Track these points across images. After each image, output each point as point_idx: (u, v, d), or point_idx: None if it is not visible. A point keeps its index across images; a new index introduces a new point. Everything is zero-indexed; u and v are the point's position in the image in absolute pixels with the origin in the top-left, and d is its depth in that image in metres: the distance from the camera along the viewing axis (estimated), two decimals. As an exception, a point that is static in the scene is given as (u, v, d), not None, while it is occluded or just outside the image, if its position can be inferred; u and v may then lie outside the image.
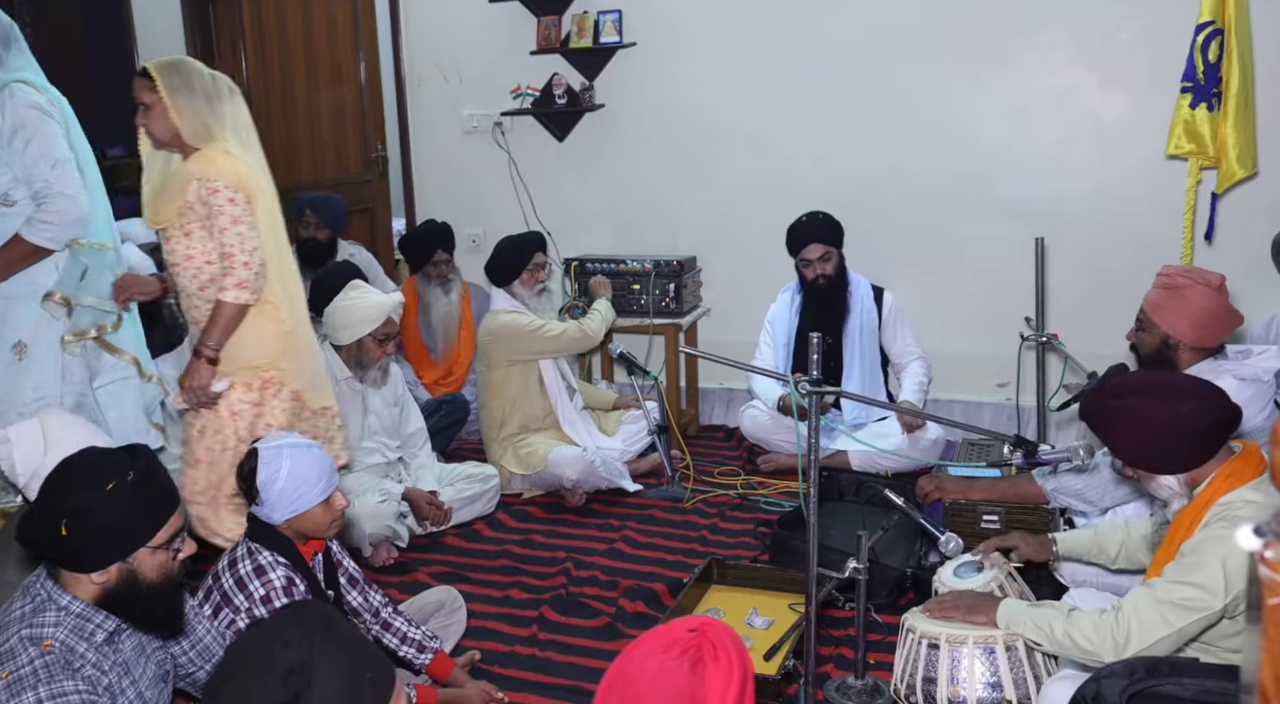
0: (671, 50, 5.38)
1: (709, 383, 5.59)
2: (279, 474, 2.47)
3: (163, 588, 2.04)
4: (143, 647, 2.14)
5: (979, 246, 5.03)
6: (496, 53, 5.68)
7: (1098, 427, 2.45)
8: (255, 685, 1.50)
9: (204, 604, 2.45)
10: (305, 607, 1.68)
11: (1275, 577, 0.77)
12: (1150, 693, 1.94)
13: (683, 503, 4.48)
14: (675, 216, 5.51)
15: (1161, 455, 2.34)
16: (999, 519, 3.54)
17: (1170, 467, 2.35)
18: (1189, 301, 3.05)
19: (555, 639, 3.41)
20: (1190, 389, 2.36)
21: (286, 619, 1.59)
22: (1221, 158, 3.85)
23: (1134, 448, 2.37)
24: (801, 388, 2.68)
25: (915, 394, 4.66)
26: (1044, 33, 4.81)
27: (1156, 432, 2.31)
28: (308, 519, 2.52)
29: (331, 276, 4.24)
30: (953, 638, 2.63)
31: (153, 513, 2.03)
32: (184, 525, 2.09)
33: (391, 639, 2.81)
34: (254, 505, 2.51)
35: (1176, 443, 2.30)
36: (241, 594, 2.44)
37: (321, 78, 5.88)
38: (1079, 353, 3.92)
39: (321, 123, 5.90)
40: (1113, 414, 2.38)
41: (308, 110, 5.82)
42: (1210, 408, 2.30)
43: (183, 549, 2.09)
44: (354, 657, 1.57)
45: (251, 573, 2.46)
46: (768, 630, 3.37)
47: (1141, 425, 2.32)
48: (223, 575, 2.48)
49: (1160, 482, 2.38)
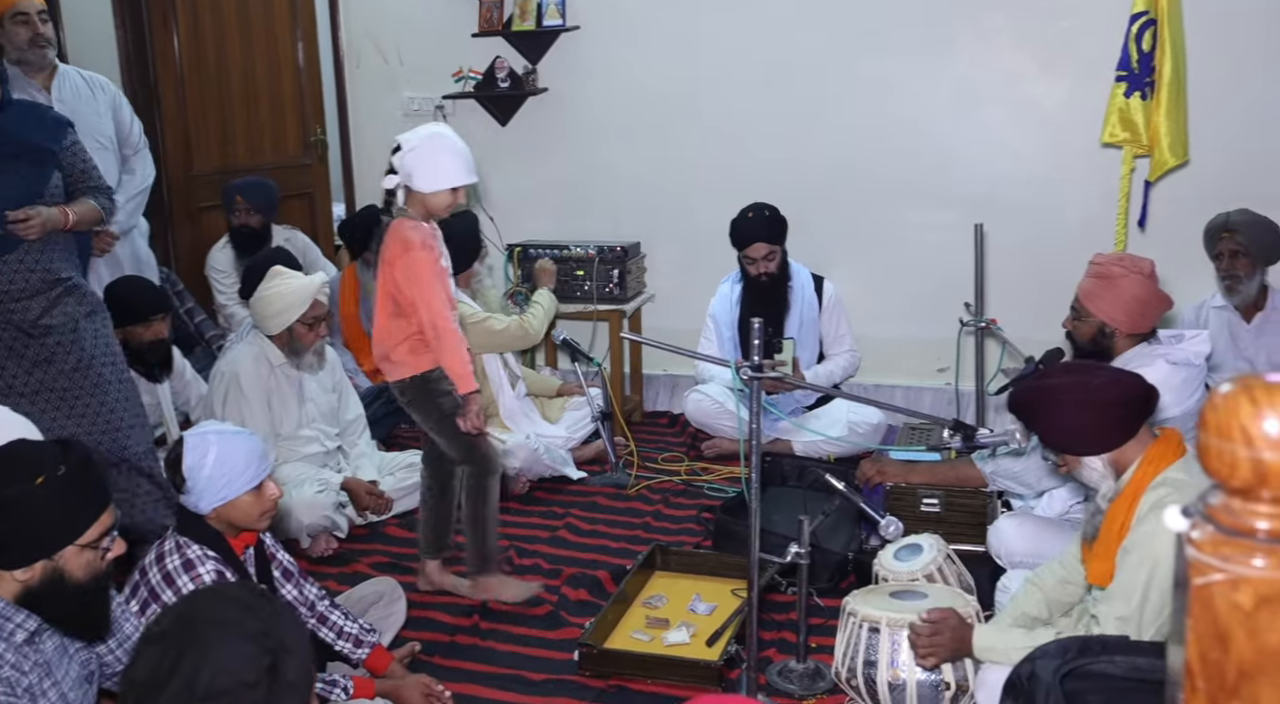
0: (615, 34, 5.35)
1: (653, 369, 5.59)
2: (205, 460, 2.42)
3: (89, 587, 1.97)
4: (65, 647, 2.07)
5: (920, 233, 5.07)
6: (437, 34, 5.61)
7: (1024, 414, 2.50)
8: (229, 653, 1.45)
9: (130, 600, 2.39)
10: (232, 585, 1.65)
11: (1201, 557, 0.77)
12: (1083, 671, 1.97)
13: (626, 490, 4.47)
14: (619, 202, 5.49)
15: (1081, 434, 2.37)
16: (939, 502, 3.58)
17: (1090, 446, 2.38)
18: (1122, 289, 3.09)
19: (497, 628, 3.39)
20: (1105, 367, 2.45)
21: (218, 593, 1.55)
22: (1154, 146, 3.91)
23: (1055, 429, 2.41)
24: (743, 373, 2.69)
25: (817, 377, 4.66)
26: (986, 19, 4.85)
27: (1075, 406, 2.34)
28: (237, 508, 2.47)
29: (259, 263, 4.19)
30: (893, 621, 2.65)
31: (82, 510, 1.96)
32: (115, 523, 2.03)
33: (328, 633, 2.77)
34: (181, 494, 2.45)
35: (1095, 418, 2.34)
36: (170, 590, 2.38)
37: (258, 59, 5.76)
38: (1017, 338, 3.96)
39: (259, 105, 5.78)
40: (1034, 399, 2.44)
41: (244, 92, 5.71)
42: (1121, 381, 2.36)
43: (112, 548, 2.03)
44: (300, 618, 1.56)
45: (180, 568, 2.40)
46: (711, 616, 3.38)
47: (1060, 402, 2.37)
48: (150, 570, 2.43)
49: (1087, 464, 2.41)
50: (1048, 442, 2.46)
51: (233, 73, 5.64)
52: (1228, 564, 0.76)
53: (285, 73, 5.90)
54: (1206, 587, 0.76)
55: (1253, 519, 0.76)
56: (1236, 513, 0.77)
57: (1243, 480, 0.75)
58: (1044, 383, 2.44)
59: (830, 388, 4.68)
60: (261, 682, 1.45)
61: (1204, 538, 0.78)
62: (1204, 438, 0.78)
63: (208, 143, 5.58)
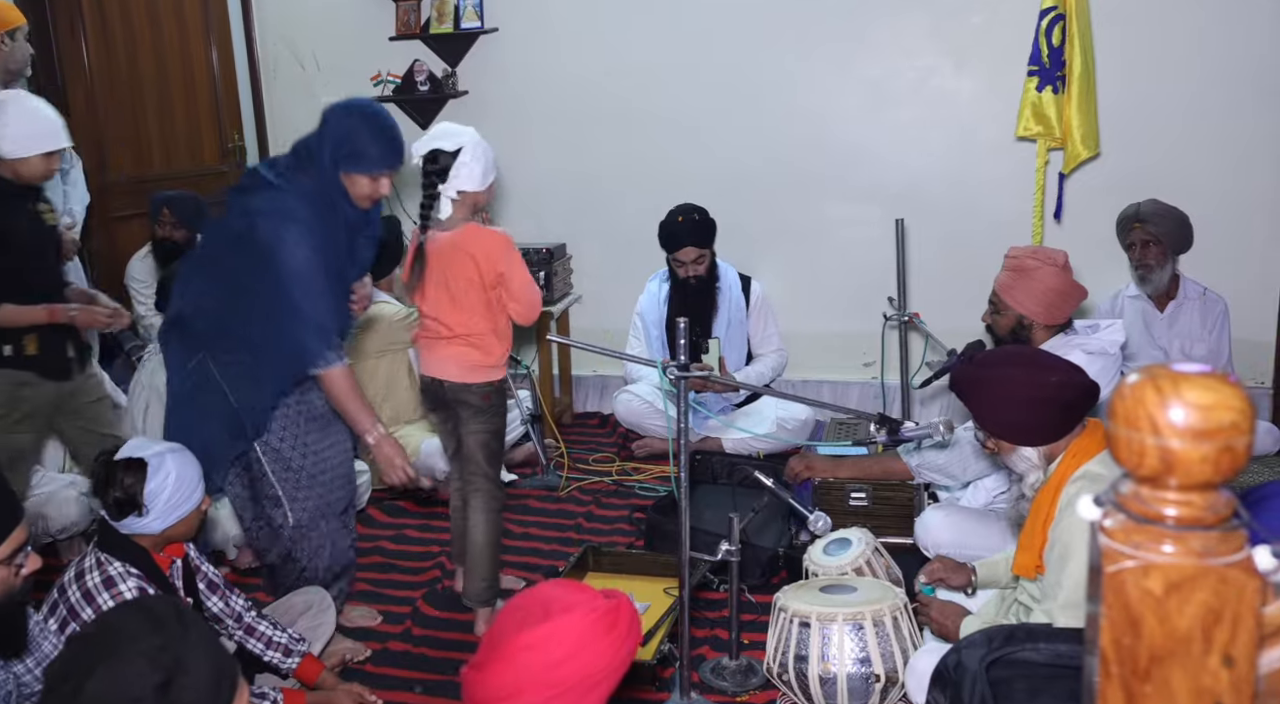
0: (533, 36, 5.33)
1: (582, 370, 5.58)
2: (166, 483, 2.38)
3: (3, 606, 1.92)
4: (-20, 667, 2.02)
5: (842, 228, 5.12)
6: (354, 38, 5.55)
7: (967, 396, 2.48)
8: (121, 666, 1.44)
9: (49, 618, 2.33)
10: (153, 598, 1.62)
11: (1113, 545, 0.79)
12: (1008, 659, 2.00)
13: (558, 491, 4.46)
14: (543, 203, 5.47)
15: (1026, 426, 2.39)
16: (866, 496, 3.62)
17: (1032, 438, 2.40)
18: (1037, 282, 3.14)
19: (430, 634, 3.37)
20: (1058, 364, 2.43)
21: (138, 606, 1.53)
22: (1067, 139, 3.99)
23: (1000, 418, 2.42)
24: (670, 373, 2.69)
25: (748, 378, 4.66)
26: (901, 16, 4.91)
27: (1027, 401, 2.35)
28: (184, 523, 2.44)
29: None
30: (823, 616, 2.68)
31: None
32: (28, 539, 1.97)
33: (256, 644, 2.72)
34: (129, 518, 2.39)
35: (1043, 414, 2.36)
36: (90, 608, 2.32)
37: (171, 66, 5.64)
38: (939, 331, 4.02)
39: (174, 112, 5.67)
40: (985, 384, 2.43)
41: (158, 99, 5.59)
42: (1076, 382, 2.37)
43: (26, 565, 1.97)
44: (212, 640, 1.54)
45: (100, 585, 2.34)
46: (643, 615, 3.38)
47: (1012, 395, 2.37)
48: (69, 588, 2.36)
49: (1021, 453, 2.43)
50: (988, 428, 2.46)
51: (145, 80, 5.53)
52: (1138, 551, 0.77)
53: (200, 79, 5.79)
54: (1118, 574, 0.77)
55: (1161, 506, 0.77)
56: (1146, 500, 0.78)
57: (1151, 469, 0.77)
58: (995, 372, 2.42)
59: (759, 386, 4.72)
60: (146, 698, 1.43)
61: (1115, 526, 0.80)
62: (1113, 427, 0.79)
63: (122, 151, 5.46)
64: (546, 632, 1.69)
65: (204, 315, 2.93)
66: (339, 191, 2.86)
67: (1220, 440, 0.74)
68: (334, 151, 2.80)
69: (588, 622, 1.72)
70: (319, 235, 2.81)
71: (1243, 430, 0.75)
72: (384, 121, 2.87)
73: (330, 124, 2.84)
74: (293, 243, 2.75)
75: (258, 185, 2.87)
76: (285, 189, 2.82)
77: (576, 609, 1.72)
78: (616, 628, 1.79)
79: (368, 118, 2.84)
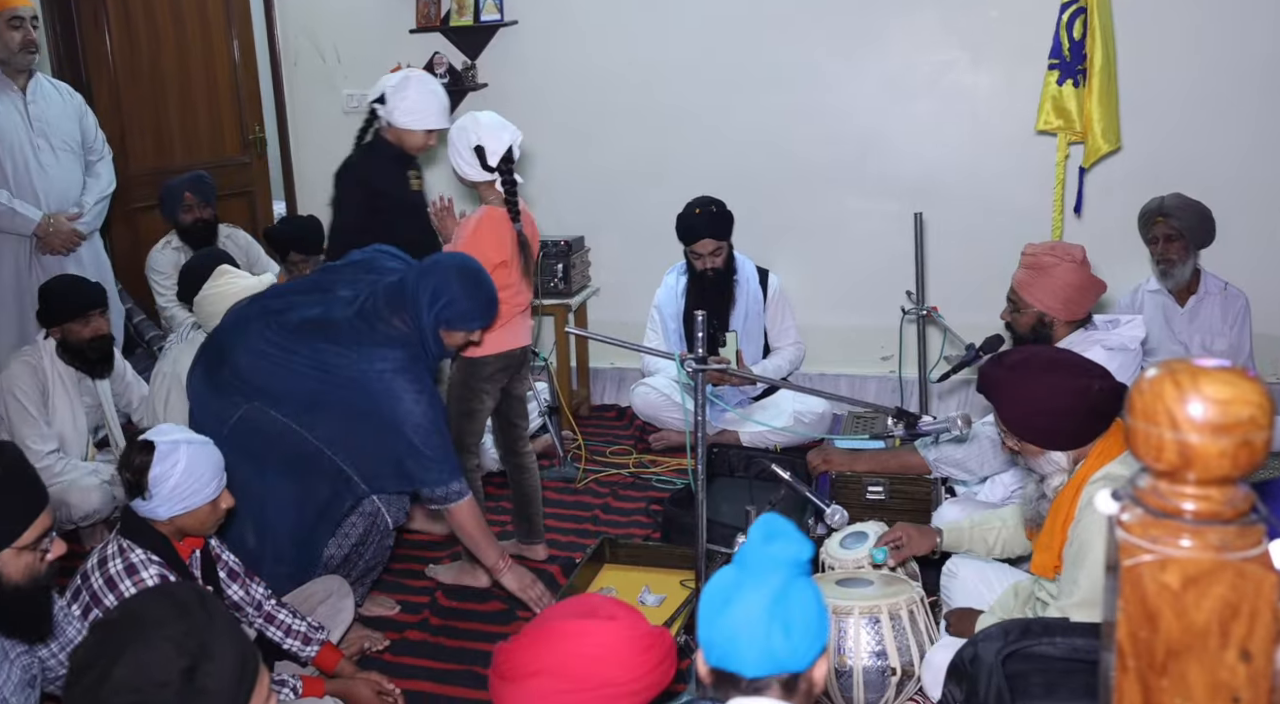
0: (553, 29, 5.33)
1: (600, 363, 5.59)
2: (174, 470, 2.39)
3: (28, 590, 1.94)
4: (6, 651, 2.04)
5: (860, 222, 5.11)
6: (375, 31, 5.56)
7: (998, 399, 2.44)
8: (147, 651, 1.45)
9: (73, 604, 2.35)
10: (176, 584, 1.64)
11: (1131, 539, 0.79)
12: (1024, 653, 2.00)
13: (575, 483, 4.48)
14: (562, 196, 5.47)
15: (1058, 432, 2.36)
16: (883, 490, 3.62)
17: (1064, 444, 2.38)
18: (1056, 278, 3.12)
19: (448, 624, 3.38)
20: (1093, 369, 2.38)
21: (162, 592, 1.55)
22: (1087, 133, 3.96)
23: (1034, 425, 2.38)
24: (687, 366, 2.70)
25: (765, 371, 4.67)
26: (917, 10, 4.89)
27: (1062, 410, 2.32)
28: (192, 517, 2.45)
29: (198, 264, 4.11)
30: (839, 609, 2.68)
31: (18, 511, 1.92)
32: (53, 525, 2.00)
33: (275, 632, 2.74)
34: (137, 500, 2.41)
35: (1077, 422, 2.33)
36: (112, 594, 2.34)
37: (193, 58, 5.67)
38: (958, 325, 4.00)
39: (195, 104, 5.70)
40: (1017, 388, 2.38)
41: (180, 92, 5.62)
42: (1110, 388, 2.33)
43: (51, 550, 2.00)
44: (235, 626, 1.56)
45: (123, 572, 2.37)
46: (660, 607, 3.39)
47: (1048, 402, 2.33)
48: (92, 574, 2.39)
49: (1049, 457, 2.41)
50: (1018, 433, 2.42)
51: (167, 72, 5.56)
52: (1156, 545, 0.77)
53: (221, 71, 5.82)
54: (1136, 567, 0.78)
55: (1179, 501, 0.78)
56: (1164, 495, 0.79)
57: (1169, 463, 0.77)
58: (1029, 377, 2.36)
59: (776, 380, 4.71)
60: (172, 683, 1.44)
61: (1133, 520, 0.80)
62: (1131, 422, 0.80)
63: (144, 143, 5.49)
64: (587, 627, 1.73)
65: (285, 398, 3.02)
66: (435, 340, 3.03)
67: (1238, 435, 0.74)
68: (437, 312, 2.96)
69: (626, 634, 1.75)
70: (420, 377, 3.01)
71: (1261, 425, 0.75)
72: (487, 289, 3.05)
73: (434, 279, 2.98)
74: (411, 398, 2.94)
75: (350, 318, 2.99)
76: (384, 337, 2.97)
77: (621, 620, 1.75)
78: (651, 651, 1.81)
79: (467, 283, 3.00)
